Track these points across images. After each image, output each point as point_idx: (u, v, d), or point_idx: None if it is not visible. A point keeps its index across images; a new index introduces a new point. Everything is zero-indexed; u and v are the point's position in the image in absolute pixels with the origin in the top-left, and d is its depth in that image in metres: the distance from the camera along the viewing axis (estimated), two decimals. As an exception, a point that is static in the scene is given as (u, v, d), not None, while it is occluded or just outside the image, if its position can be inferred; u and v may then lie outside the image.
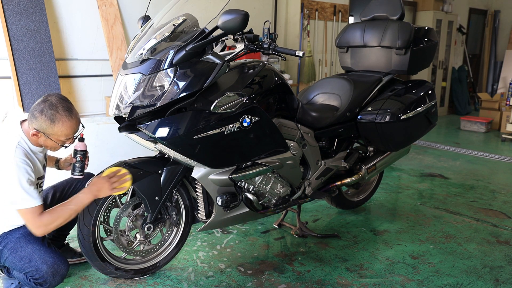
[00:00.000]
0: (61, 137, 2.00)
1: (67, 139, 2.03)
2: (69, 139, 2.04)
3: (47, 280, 1.95)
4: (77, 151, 2.16)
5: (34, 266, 1.94)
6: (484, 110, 7.10)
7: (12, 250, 1.96)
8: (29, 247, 1.97)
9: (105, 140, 3.90)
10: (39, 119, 1.94)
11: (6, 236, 1.99)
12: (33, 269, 1.94)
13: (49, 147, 2.05)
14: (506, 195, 3.80)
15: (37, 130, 1.95)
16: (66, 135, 2.00)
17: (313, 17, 5.86)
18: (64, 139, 2.02)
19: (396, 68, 2.91)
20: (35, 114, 1.95)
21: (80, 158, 2.16)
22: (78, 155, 2.16)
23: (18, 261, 1.95)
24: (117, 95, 2.06)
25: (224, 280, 2.32)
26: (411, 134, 2.84)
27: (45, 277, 1.94)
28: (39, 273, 1.94)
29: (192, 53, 1.97)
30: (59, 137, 1.99)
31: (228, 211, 2.28)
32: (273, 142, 2.30)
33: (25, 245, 1.97)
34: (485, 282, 2.35)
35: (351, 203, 3.32)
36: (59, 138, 1.99)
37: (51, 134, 1.97)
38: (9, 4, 3.61)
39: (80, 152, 2.16)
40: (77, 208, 1.99)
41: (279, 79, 2.36)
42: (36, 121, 1.94)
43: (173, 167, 2.21)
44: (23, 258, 1.95)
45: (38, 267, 1.94)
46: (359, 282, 2.33)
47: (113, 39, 4.15)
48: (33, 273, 1.94)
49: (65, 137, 2.01)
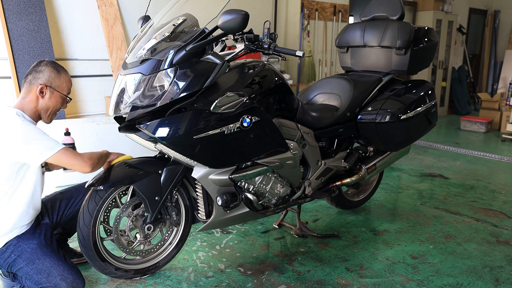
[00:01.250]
0: (64, 90, 2.06)
1: (67, 93, 2.09)
2: (69, 93, 2.10)
3: None
4: (65, 144, 2.14)
5: (53, 282, 1.91)
6: (484, 110, 7.10)
7: (29, 261, 1.93)
8: (47, 260, 1.94)
9: (105, 140, 3.90)
10: (45, 72, 2.00)
11: (19, 244, 1.95)
12: (51, 285, 1.91)
13: (50, 109, 2.04)
14: (506, 195, 3.80)
15: (44, 85, 1.99)
16: (68, 88, 2.08)
17: (313, 17, 5.86)
18: (66, 93, 2.08)
19: (396, 68, 2.91)
20: (38, 69, 2.00)
21: None
22: None
23: (35, 274, 1.91)
24: (117, 95, 2.06)
25: (224, 280, 2.32)
26: (411, 134, 2.84)
27: None
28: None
29: (192, 53, 1.97)
30: (63, 89, 2.06)
31: (228, 211, 2.28)
32: (273, 142, 2.30)
33: (43, 258, 1.94)
34: (485, 282, 2.35)
35: (351, 203, 3.32)
36: (63, 90, 2.05)
37: (57, 86, 2.03)
38: (9, 4, 3.61)
39: (69, 145, 2.17)
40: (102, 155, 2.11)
41: (279, 79, 2.36)
42: (43, 75, 1.99)
43: (173, 167, 2.21)
44: (41, 271, 1.92)
45: (56, 283, 1.91)
46: (359, 282, 2.33)
47: (113, 39, 4.15)
48: None
49: (67, 89, 2.08)
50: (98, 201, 2.11)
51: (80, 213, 2.12)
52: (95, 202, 2.11)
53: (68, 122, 3.71)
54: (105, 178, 2.11)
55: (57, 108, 2.08)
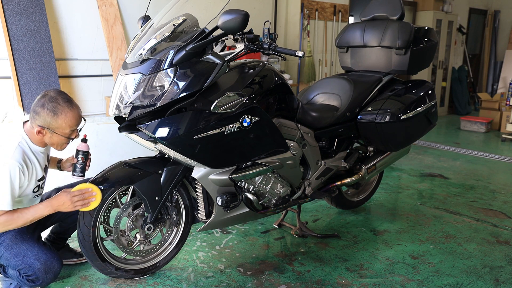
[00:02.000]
0: (66, 129, 2.00)
1: (72, 131, 2.04)
2: (74, 131, 2.05)
3: (39, 276, 1.97)
4: (79, 151, 2.17)
5: (27, 262, 1.95)
6: (484, 110, 7.10)
7: (8, 247, 1.98)
8: (24, 244, 1.99)
9: (105, 140, 3.90)
10: (41, 114, 1.94)
11: (3, 234, 2.01)
12: (26, 266, 1.95)
13: (55, 144, 2.05)
14: (506, 195, 3.80)
15: (41, 127, 1.95)
16: (70, 126, 2.01)
17: (313, 17, 5.86)
18: (69, 131, 2.02)
19: (396, 68, 2.91)
20: (36, 110, 1.95)
21: (81, 158, 2.17)
22: (80, 156, 2.17)
23: (13, 257, 1.97)
24: (117, 95, 2.06)
25: (224, 280, 2.32)
26: (411, 134, 2.85)
27: (37, 274, 1.96)
28: (32, 269, 1.95)
29: (192, 53, 1.97)
30: (64, 129, 1.99)
31: (228, 211, 2.28)
32: (273, 142, 2.30)
33: (20, 242, 1.99)
34: (485, 282, 2.35)
35: (351, 203, 3.32)
36: (64, 130, 1.99)
37: (56, 128, 1.97)
38: (9, 4, 3.61)
39: (82, 152, 2.17)
40: (34, 218, 1.95)
41: (279, 79, 2.36)
42: (39, 117, 1.95)
43: (173, 167, 2.21)
44: (18, 254, 1.96)
45: (31, 263, 1.95)
46: (359, 282, 2.33)
47: (113, 39, 4.15)
48: (26, 270, 1.96)
49: (70, 128, 2.01)
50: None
51: (80, 213, 2.12)
52: (95, 202, 2.11)
53: (68, 122, 3.70)
54: (105, 178, 2.11)
55: (63, 142, 2.06)
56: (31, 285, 2.00)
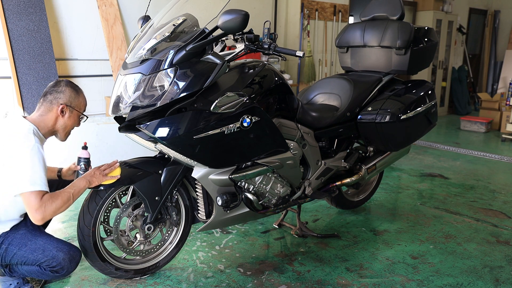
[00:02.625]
0: (82, 109, 2.16)
1: (83, 114, 2.18)
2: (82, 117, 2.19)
3: (64, 266, 1.99)
4: (80, 158, 2.19)
5: (50, 255, 1.97)
6: (484, 110, 7.10)
7: (21, 245, 1.98)
8: (39, 239, 2.01)
9: (105, 140, 3.90)
10: (66, 92, 2.09)
11: (7, 235, 2.00)
12: (49, 258, 1.97)
13: (67, 128, 2.14)
14: (506, 195, 3.80)
15: (64, 105, 2.08)
16: (85, 106, 2.19)
17: (313, 17, 5.86)
18: (83, 111, 2.18)
19: (396, 68, 2.91)
20: (59, 90, 2.09)
21: (84, 165, 2.19)
22: (82, 163, 2.19)
23: (30, 253, 1.97)
24: (117, 95, 2.06)
25: (224, 281, 2.32)
26: (411, 134, 2.84)
27: (62, 264, 1.98)
28: (56, 260, 1.97)
29: (192, 53, 1.97)
30: (81, 109, 2.16)
31: (228, 211, 2.28)
32: (273, 142, 2.30)
33: (34, 238, 2.01)
34: (485, 282, 2.35)
35: (351, 203, 3.32)
36: (80, 109, 2.16)
37: (76, 106, 2.12)
38: (9, 4, 3.61)
39: (84, 159, 2.19)
40: (74, 192, 2.00)
41: (279, 79, 2.36)
42: (63, 95, 2.08)
43: (173, 167, 2.21)
44: (36, 250, 1.98)
45: (54, 255, 1.97)
46: (359, 282, 2.33)
47: (113, 39, 4.15)
48: (50, 262, 1.97)
49: (83, 109, 2.18)
50: (98, 201, 2.11)
51: (80, 213, 2.12)
52: (95, 202, 2.11)
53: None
54: (105, 178, 2.11)
55: (74, 126, 2.18)
56: (55, 276, 2.02)
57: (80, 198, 2.20)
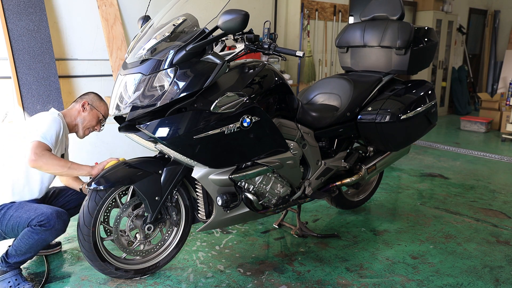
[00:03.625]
0: (102, 111, 2.50)
1: (103, 117, 2.52)
2: (101, 120, 2.53)
3: (51, 220, 2.09)
4: None
5: (40, 212, 2.12)
6: (484, 110, 7.10)
7: (18, 208, 2.18)
8: (34, 204, 2.21)
9: (105, 140, 3.90)
10: (90, 95, 2.51)
11: (6, 204, 2.21)
12: (39, 214, 2.10)
13: (86, 123, 2.45)
14: (506, 195, 3.80)
15: (86, 101, 2.46)
16: (104, 112, 2.51)
17: (313, 17, 5.86)
18: (102, 116, 2.51)
19: (396, 68, 2.91)
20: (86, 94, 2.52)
21: None
22: None
23: (24, 213, 2.14)
24: (117, 95, 2.06)
25: (224, 281, 2.32)
26: (411, 134, 2.84)
27: (49, 218, 2.09)
28: (44, 215, 2.09)
29: (192, 53, 1.97)
30: (101, 110, 2.50)
31: (228, 211, 2.28)
32: (273, 142, 2.30)
33: (30, 204, 2.21)
34: (485, 282, 2.35)
35: (351, 203, 3.32)
36: (100, 111, 2.49)
37: (97, 106, 2.48)
38: (9, 4, 3.60)
39: None
40: (72, 166, 2.19)
41: (279, 79, 2.36)
42: (88, 96, 2.50)
43: (173, 167, 2.21)
44: (29, 209, 2.15)
45: (43, 211, 2.12)
46: (359, 282, 2.33)
47: (113, 39, 4.15)
48: (39, 217, 2.09)
49: (103, 113, 2.51)
50: (98, 201, 2.11)
51: (80, 213, 2.12)
52: (95, 202, 2.11)
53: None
54: (105, 178, 2.11)
55: (92, 125, 2.48)
56: (42, 231, 2.09)
57: (80, 198, 2.21)
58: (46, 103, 3.76)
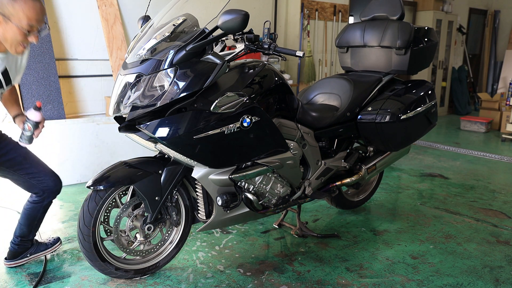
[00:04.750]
0: (23, 20, 1.80)
1: (30, 27, 1.84)
2: (32, 27, 1.85)
3: None
4: (28, 119, 2.06)
5: None
6: (484, 110, 7.10)
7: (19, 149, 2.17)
8: None
9: (105, 140, 3.90)
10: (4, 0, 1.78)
11: None
12: None
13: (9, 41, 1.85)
14: (506, 195, 3.80)
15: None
16: (29, 19, 1.81)
17: (313, 17, 5.86)
18: (26, 24, 1.82)
19: (396, 68, 2.91)
20: None
21: (28, 127, 2.05)
22: (27, 123, 2.06)
23: None
24: (117, 95, 2.06)
25: (224, 281, 2.32)
26: (411, 134, 2.85)
27: None
28: None
29: (192, 53, 1.97)
30: (21, 20, 1.80)
31: (228, 211, 2.28)
32: (273, 142, 2.30)
33: None
34: (485, 282, 2.35)
35: (351, 203, 3.32)
36: (20, 21, 1.80)
37: (12, 15, 1.77)
38: (9, 4, 3.60)
39: (31, 121, 2.06)
40: None
41: (279, 79, 2.36)
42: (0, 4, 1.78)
43: (173, 167, 2.21)
44: None
45: None
46: (359, 282, 2.33)
47: (113, 39, 4.15)
48: None
49: (27, 21, 1.81)
50: (98, 201, 2.11)
51: (80, 213, 2.12)
52: (95, 202, 2.11)
53: (68, 122, 3.71)
54: (105, 178, 2.11)
55: (18, 40, 1.85)
56: None
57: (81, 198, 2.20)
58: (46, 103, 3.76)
